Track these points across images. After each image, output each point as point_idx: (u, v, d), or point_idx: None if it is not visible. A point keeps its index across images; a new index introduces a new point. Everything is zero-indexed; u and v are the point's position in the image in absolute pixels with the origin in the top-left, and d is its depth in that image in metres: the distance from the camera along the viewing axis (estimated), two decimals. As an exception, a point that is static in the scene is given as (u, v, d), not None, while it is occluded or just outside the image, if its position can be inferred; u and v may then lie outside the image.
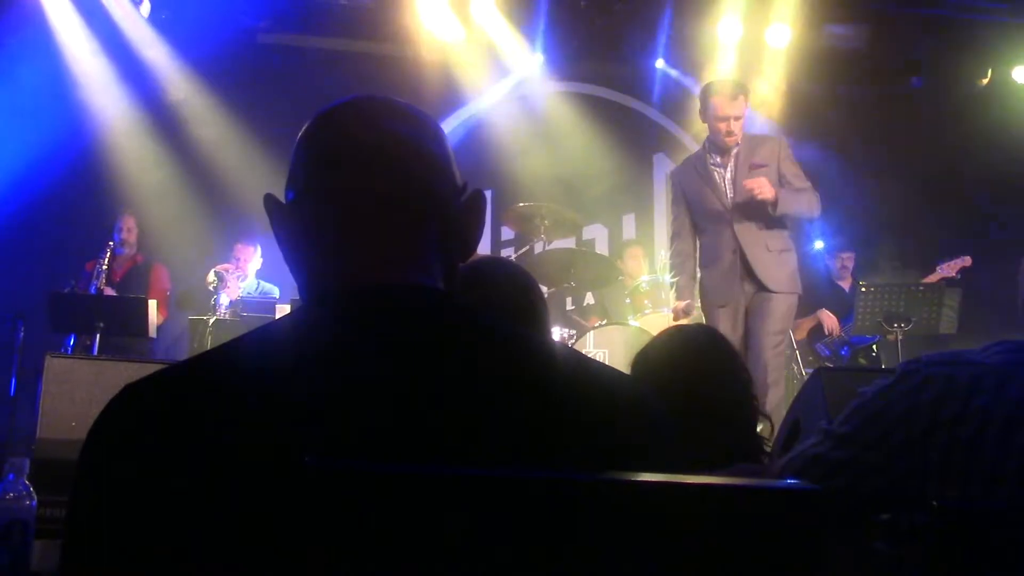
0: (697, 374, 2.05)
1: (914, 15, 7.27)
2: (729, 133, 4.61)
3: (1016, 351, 1.31)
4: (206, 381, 0.85)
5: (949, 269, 6.32)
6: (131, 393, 0.85)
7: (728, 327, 4.50)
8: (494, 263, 1.98)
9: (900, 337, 5.79)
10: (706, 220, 4.75)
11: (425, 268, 0.98)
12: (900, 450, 1.28)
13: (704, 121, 4.75)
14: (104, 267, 6.24)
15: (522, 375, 0.89)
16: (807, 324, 6.92)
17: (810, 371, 4.52)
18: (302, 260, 1.00)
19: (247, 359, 0.88)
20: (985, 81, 7.45)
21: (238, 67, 7.29)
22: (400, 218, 0.97)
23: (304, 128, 1.03)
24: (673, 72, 7.94)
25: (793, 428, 2.56)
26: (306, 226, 0.99)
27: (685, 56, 7.74)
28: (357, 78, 7.20)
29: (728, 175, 4.68)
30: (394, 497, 0.68)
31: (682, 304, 4.88)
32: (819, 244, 7.35)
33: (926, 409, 1.27)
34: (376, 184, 0.96)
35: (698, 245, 4.86)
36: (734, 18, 7.24)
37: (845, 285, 7.02)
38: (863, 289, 5.98)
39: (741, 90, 4.72)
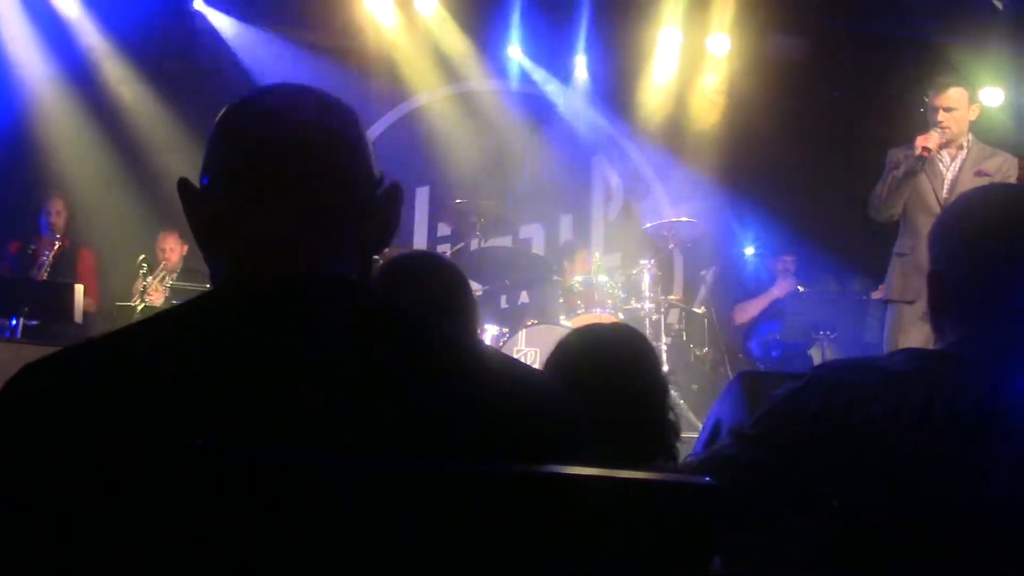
0: (610, 371, 2.04)
1: (854, 30, 7.42)
2: (936, 123, 4.44)
3: (920, 358, 1.35)
4: (101, 363, 0.85)
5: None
6: (26, 372, 0.85)
7: (921, 332, 4.12)
8: (421, 258, 1.98)
9: (826, 344, 5.92)
10: (914, 206, 4.53)
11: (339, 258, 0.98)
12: (808, 453, 1.31)
13: None
14: (49, 259, 6.11)
15: (430, 369, 0.90)
16: (752, 307, 7.05)
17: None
18: (214, 246, 1.00)
19: (145, 342, 0.87)
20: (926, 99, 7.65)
21: (175, 51, 7.16)
22: (315, 207, 0.97)
23: (222, 113, 1.02)
24: (613, 76, 7.99)
25: (714, 430, 2.61)
26: (219, 212, 0.98)
27: (626, 61, 7.79)
28: (296, 67, 7.13)
29: (950, 174, 4.51)
30: (282, 485, 0.68)
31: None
32: (749, 250, 7.48)
33: (834, 413, 1.30)
34: (292, 173, 0.96)
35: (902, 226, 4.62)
36: (674, 28, 7.31)
37: (784, 289, 7.13)
38: (794, 295, 6.11)
39: (955, 82, 4.56)
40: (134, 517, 0.76)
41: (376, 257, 1.08)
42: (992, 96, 7.01)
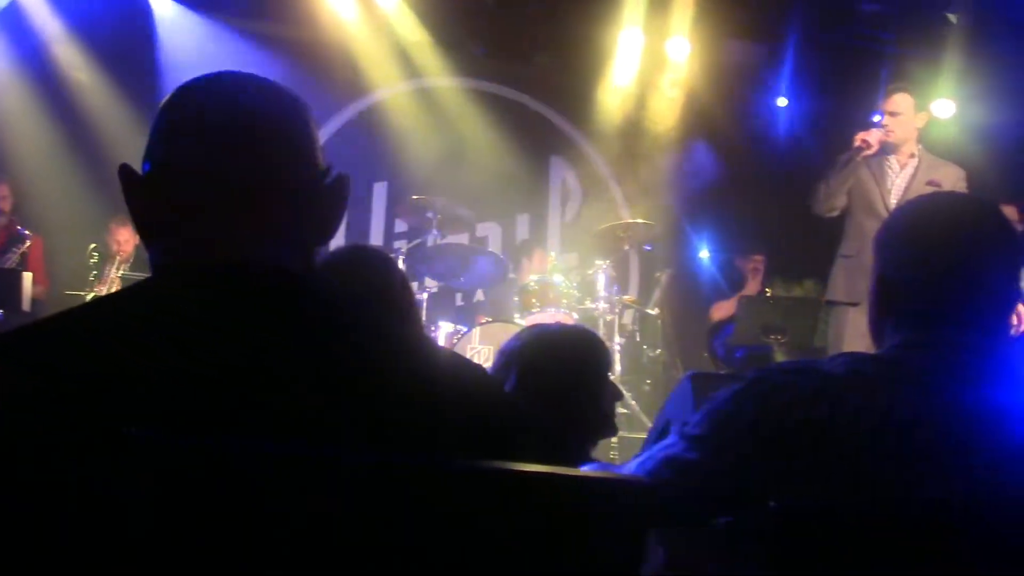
0: (557, 370, 2.10)
1: (812, 39, 7.51)
2: (884, 126, 4.53)
3: (859, 362, 1.37)
4: (35, 349, 0.84)
5: None
6: None
7: (866, 335, 4.19)
8: (361, 252, 1.98)
9: (777, 348, 5.99)
10: (860, 208, 4.60)
11: (282, 248, 0.98)
12: (746, 454, 1.33)
13: None
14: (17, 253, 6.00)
15: (368, 360, 0.90)
16: (726, 307, 7.12)
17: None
18: (154, 234, 0.99)
19: (82, 329, 0.86)
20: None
21: (129, 38, 7.05)
22: (257, 196, 0.96)
23: (166, 99, 1.01)
24: (574, 76, 8.00)
25: (662, 430, 2.63)
26: (160, 199, 0.97)
27: (586, 61, 7.81)
28: (252, 58, 7.07)
29: (901, 181, 4.57)
30: (215, 472, 0.68)
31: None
32: (705, 253, 7.55)
33: (772, 415, 1.32)
34: (235, 161, 0.96)
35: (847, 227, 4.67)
36: (635, 29, 7.34)
37: (753, 288, 7.22)
38: (744, 299, 6.17)
39: (901, 88, 4.65)
40: (65, 505, 0.75)
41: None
42: (944, 108, 7.14)
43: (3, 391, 0.79)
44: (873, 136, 4.42)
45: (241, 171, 0.96)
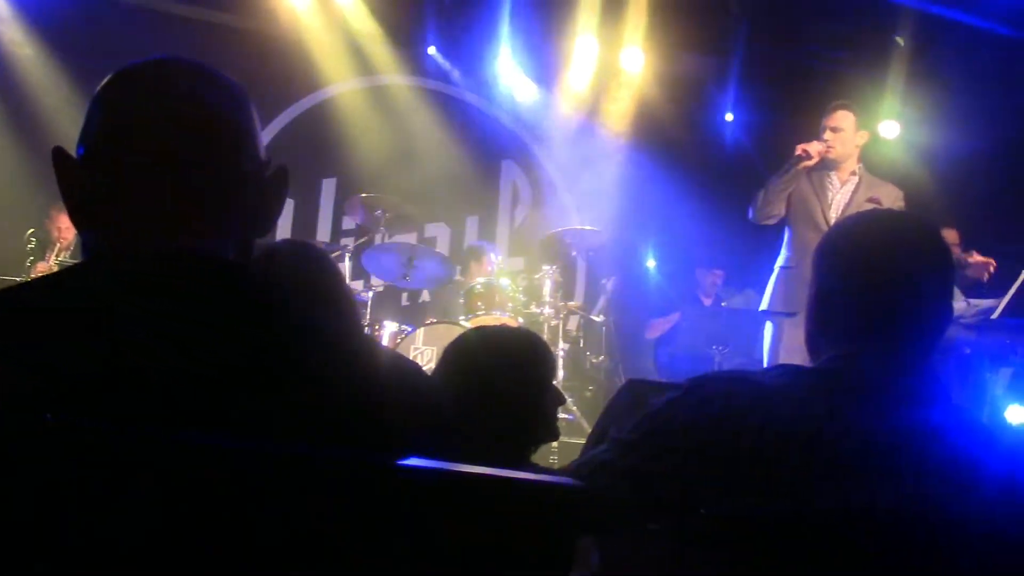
0: (500, 371, 2.13)
1: (765, 55, 7.60)
2: (825, 140, 4.58)
3: (792, 374, 1.39)
4: None
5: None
6: None
7: (796, 338, 4.22)
8: (299, 247, 1.98)
9: (719, 360, 6.06)
10: (800, 220, 4.63)
11: (217, 238, 0.96)
12: (679, 461, 1.34)
13: None
14: None
15: (297, 354, 0.89)
16: (660, 325, 7.19)
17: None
18: (87, 218, 0.97)
19: (8, 311, 0.84)
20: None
21: (74, 19, 6.90)
22: (194, 184, 0.95)
23: (104, 82, 0.99)
24: (528, 82, 8.03)
25: (601, 436, 2.65)
26: (94, 184, 0.95)
27: (541, 67, 7.84)
28: (202, 45, 6.97)
29: (841, 197, 4.60)
30: (130, 459, 0.67)
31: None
32: (651, 263, 7.61)
33: (706, 423, 1.33)
34: (171, 147, 0.94)
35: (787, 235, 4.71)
36: (590, 37, 7.37)
37: (707, 300, 7.30)
38: (689, 309, 6.25)
39: (843, 105, 4.69)
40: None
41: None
42: (889, 129, 7.29)
43: None
44: (814, 148, 4.50)
45: (178, 158, 0.94)
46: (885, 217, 1.59)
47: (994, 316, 5.11)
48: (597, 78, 7.81)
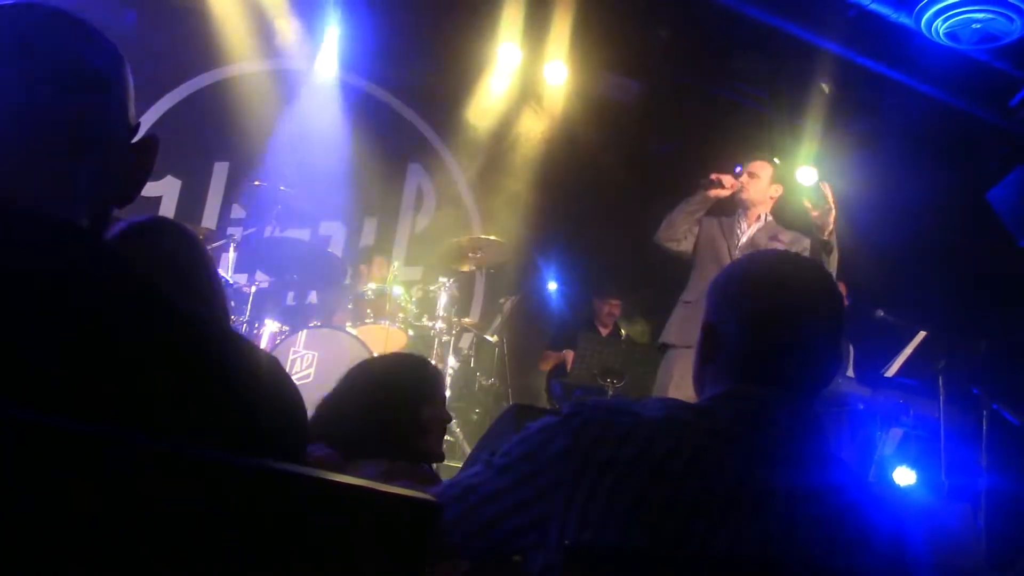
0: (385, 392, 2.44)
1: (687, 85, 7.76)
2: (740, 181, 4.74)
3: (674, 408, 1.42)
4: None
5: None
6: None
7: (688, 372, 4.28)
8: (164, 224, 1.94)
9: (611, 392, 6.12)
10: (706, 258, 4.77)
11: (69, 203, 0.93)
12: (547, 489, 1.35)
13: None
14: None
15: (146, 335, 0.86)
16: (554, 358, 7.23)
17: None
18: None
19: None
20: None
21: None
22: (47, 142, 0.91)
23: None
24: (445, 84, 8.00)
25: (477, 461, 2.68)
26: None
27: (459, 71, 7.84)
28: (98, 7, 6.78)
29: (745, 237, 4.75)
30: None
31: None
32: (553, 285, 7.66)
33: (581, 451, 1.34)
34: (26, 99, 0.90)
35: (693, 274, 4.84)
36: (512, 46, 7.41)
37: (605, 331, 7.36)
38: (586, 338, 6.29)
39: (763, 157, 4.90)
40: None
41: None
42: (807, 175, 7.51)
43: None
44: (728, 180, 4.65)
45: (34, 112, 0.91)
46: (781, 259, 1.63)
47: (888, 374, 5.31)
48: (519, 89, 7.85)
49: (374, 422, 2.36)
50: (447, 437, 6.05)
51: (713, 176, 4.67)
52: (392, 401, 2.42)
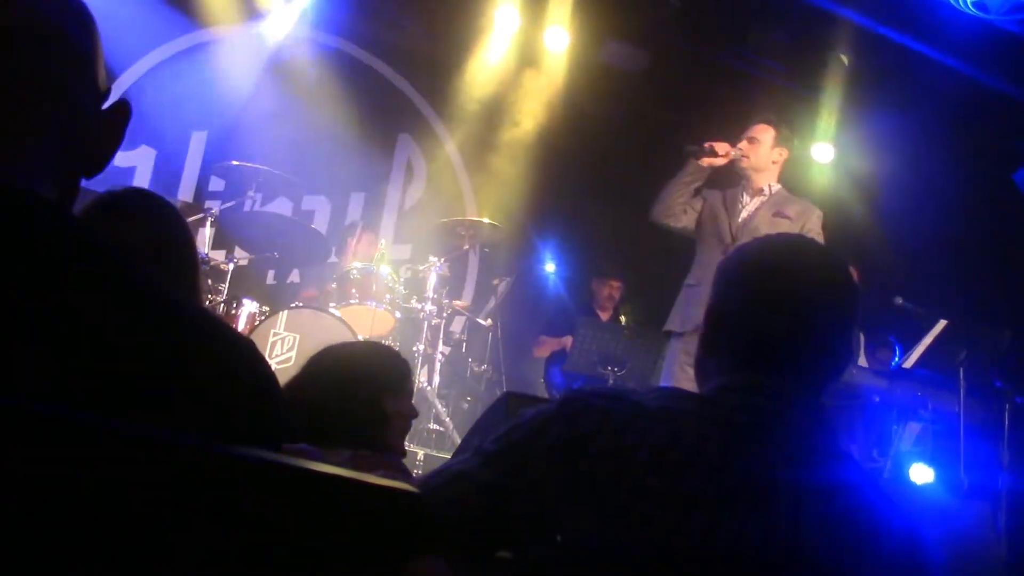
0: (342, 383, 2.52)
1: (693, 52, 7.72)
2: (740, 148, 4.72)
3: (674, 399, 1.42)
4: None
5: None
6: None
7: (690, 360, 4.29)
8: (146, 197, 1.94)
9: (612, 381, 6.13)
10: (708, 238, 4.75)
11: (33, 171, 0.92)
12: (541, 478, 1.35)
13: None
14: None
15: (117, 314, 0.86)
16: (551, 344, 7.19)
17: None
18: None
19: None
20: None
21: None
22: (11, 107, 0.91)
23: None
24: (438, 50, 7.94)
25: (466, 451, 2.70)
26: None
27: (453, 37, 7.78)
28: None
29: (746, 212, 4.71)
30: None
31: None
32: (551, 267, 7.63)
33: (577, 440, 1.35)
34: None
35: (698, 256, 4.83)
36: (511, 9, 7.36)
37: (605, 315, 7.34)
38: (587, 323, 6.29)
39: (764, 119, 4.84)
40: None
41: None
42: (823, 152, 7.50)
43: None
44: (722, 146, 4.63)
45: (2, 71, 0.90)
46: (791, 242, 1.64)
47: (907, 365, 5.31)
48: (515, 55, 7.79)
49: (335, 410, 2.44)
50: (436, 426, 6.11)
51: (708, 144, 4.65)
52: (353, 388, 2.50)
